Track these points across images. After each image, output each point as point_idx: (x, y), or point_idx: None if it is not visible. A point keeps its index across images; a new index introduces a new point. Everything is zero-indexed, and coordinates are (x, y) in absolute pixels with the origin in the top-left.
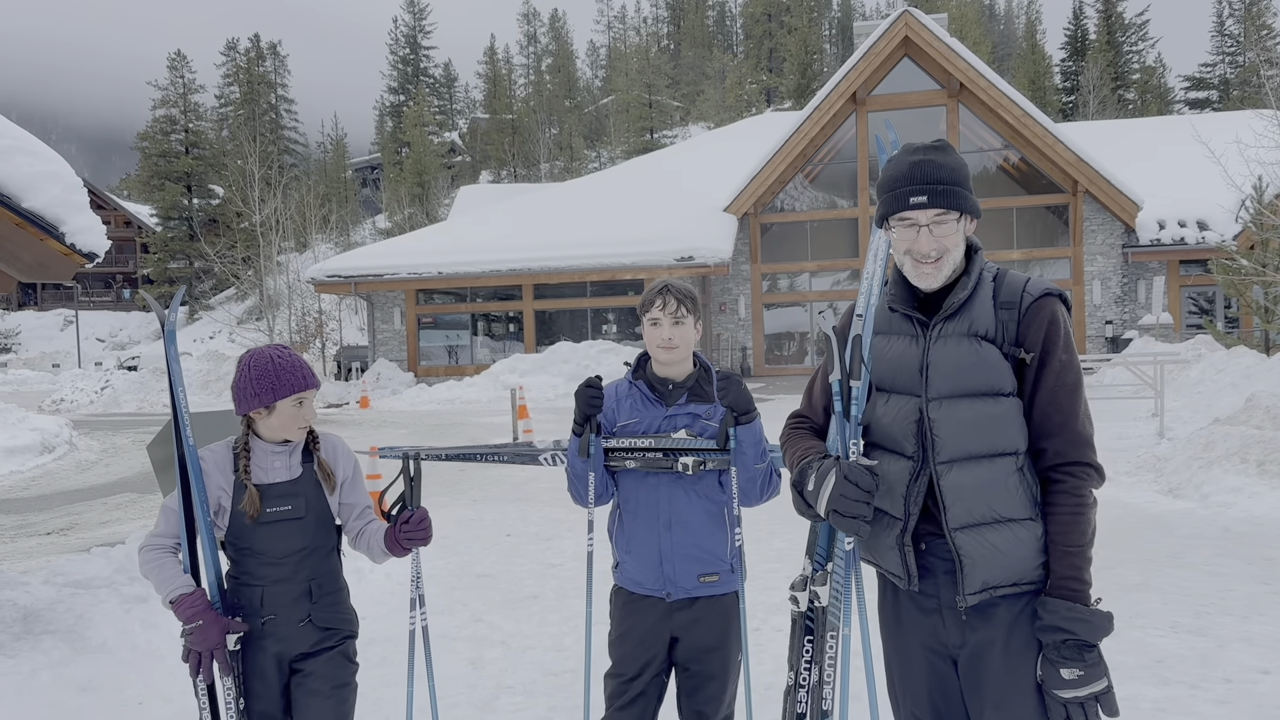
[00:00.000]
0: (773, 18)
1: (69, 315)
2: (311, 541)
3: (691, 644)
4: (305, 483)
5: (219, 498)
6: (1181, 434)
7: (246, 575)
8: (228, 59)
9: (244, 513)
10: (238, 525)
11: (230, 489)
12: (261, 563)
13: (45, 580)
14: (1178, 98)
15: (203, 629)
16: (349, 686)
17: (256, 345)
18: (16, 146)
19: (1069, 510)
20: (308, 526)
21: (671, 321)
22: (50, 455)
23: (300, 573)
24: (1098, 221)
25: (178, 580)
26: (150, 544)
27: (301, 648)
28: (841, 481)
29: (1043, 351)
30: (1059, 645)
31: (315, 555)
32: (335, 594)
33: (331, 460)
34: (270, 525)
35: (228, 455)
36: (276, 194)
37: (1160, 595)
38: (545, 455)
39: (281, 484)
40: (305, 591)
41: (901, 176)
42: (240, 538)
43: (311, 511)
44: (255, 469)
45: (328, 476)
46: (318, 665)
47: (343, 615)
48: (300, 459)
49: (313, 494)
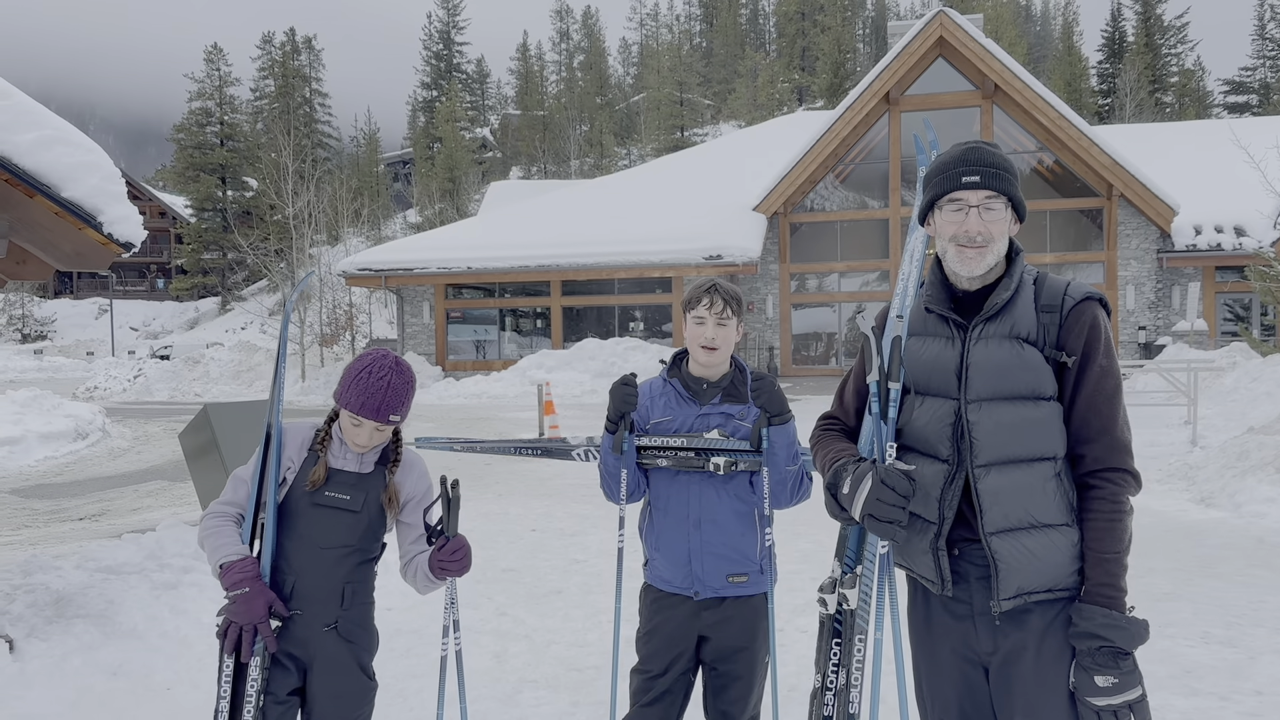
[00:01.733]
0: (806, 16)
1: (104, 304)
2: (358, 541)
3: (719, 643)
4: (371, 482)
5: (286, 469)
6: (1215, 442)
7: (283, 560)
8: (263, 53)
9: (304, 487)
10: (292, 502)
11: (299, 465)
12: (302, 548)
13: (77, 565)
14: (1216, 101)
15: (248, 598)
16: (369, 705)
17: (290, 336)
18: (57, 137)
19: (1106, 516)
20: (360, 523)
21: (716, 322)
22: (84, 442)
23: (338, 570)
24: (1132, 226)
25: (233, 547)
26: (214, 510)
27: (320, 658)
28: (878, 485)
29: (1083, 356)
30: (1094, 652)
31: (356, 557)
32: (366, 606)
33: (402, 478)
34: (324, 509)
35: (309, 433)
36: (310, 187)
37: (1191, 605)
38: (578, 451)
39: (348, 473)
40: (338, 592)
41: (954, 160)
42: (290, 516)
43: (368, 510)
44: (330, 454)
45: (392, 498)
46: (328, 677)
47: (368, 632)
48: (375, 460)
49: (374, 495)
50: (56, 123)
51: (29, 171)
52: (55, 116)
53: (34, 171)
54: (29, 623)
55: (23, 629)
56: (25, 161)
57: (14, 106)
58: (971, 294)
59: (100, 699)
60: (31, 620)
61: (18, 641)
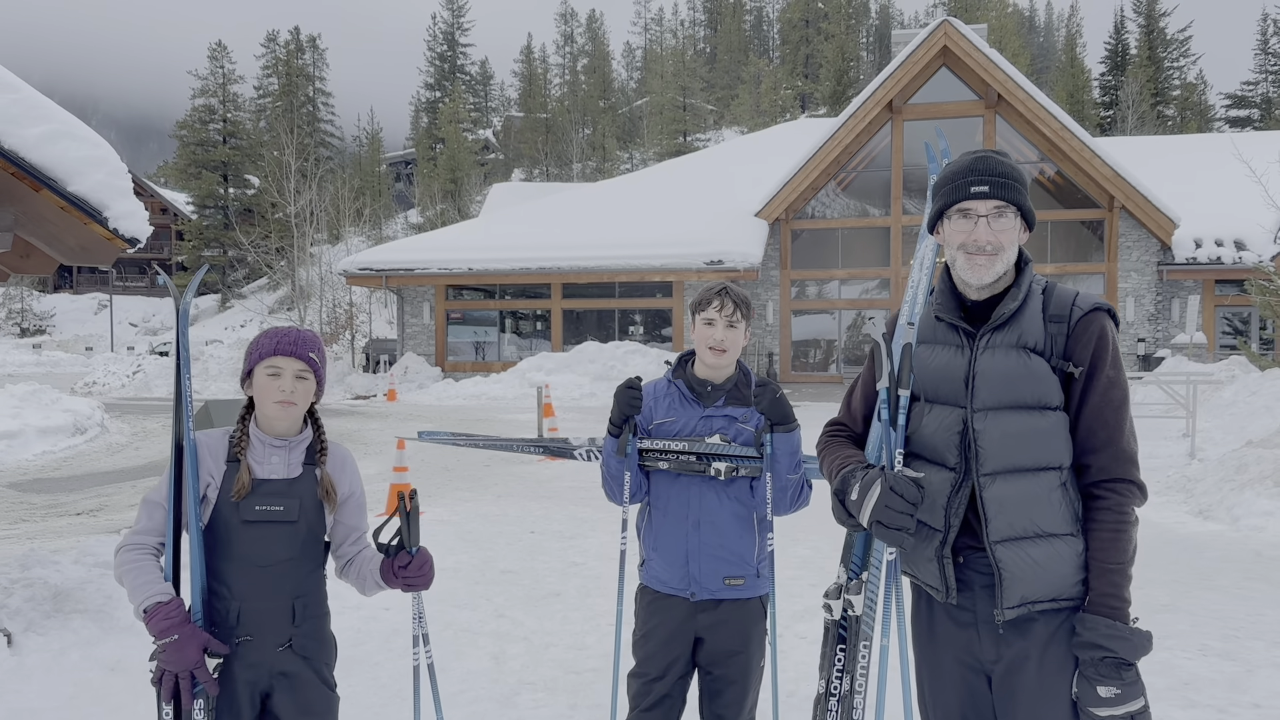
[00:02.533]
0: (810, 24)
1: (103, 299)
2: (300, 552)
3: (714, 646)
4: (303, 486)
5: (205, 485)
6: (1213, 455)
7: (221, 586)
8: (267, 51)
9: (230, 499)
10: (220, 522)
11: (219, 479)
12: (241, 570)
13: (75, 560)
14: (1218, 115)
15: (178, 645)
16: (334, 716)
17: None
18: (64, 131)
19: (1111, 527)
20: (298, 533)
21: (726, 324)
22: (82, 437)
23: (283, 586)
24: (1133, 238)
25: (155, 587)
26: (130, 543)
27: (279, 679)
28: (886, 493)
29: (1091, 366)
30: (1097, 663)
31: (301, 569)
32: (320, 619)
33: (337, 474)
34: (257, 525)
35: (223, 442)
36: (312, 186)
37: (1189, 617)
38: (580, 450)
39: (276, 481)
40: (288, 610)
41: (963, 169)
42: (221, 537)
43: (304, 518)
44: (251, 461)
45: (329, 491)
46: (290, 698)
47: (325, 644)
48: (302, 460)
49: (309, 500)
50: (64, 117)
51: (36, 165)
52: (62, 111)
53: (41, 165)
54: (27, 617)
55: (21, 623)
56: (32, 155)
57: (22, 100)
58: (980, 303)
59: (98, 694)
60: (30, 614)
61: (16, 635)
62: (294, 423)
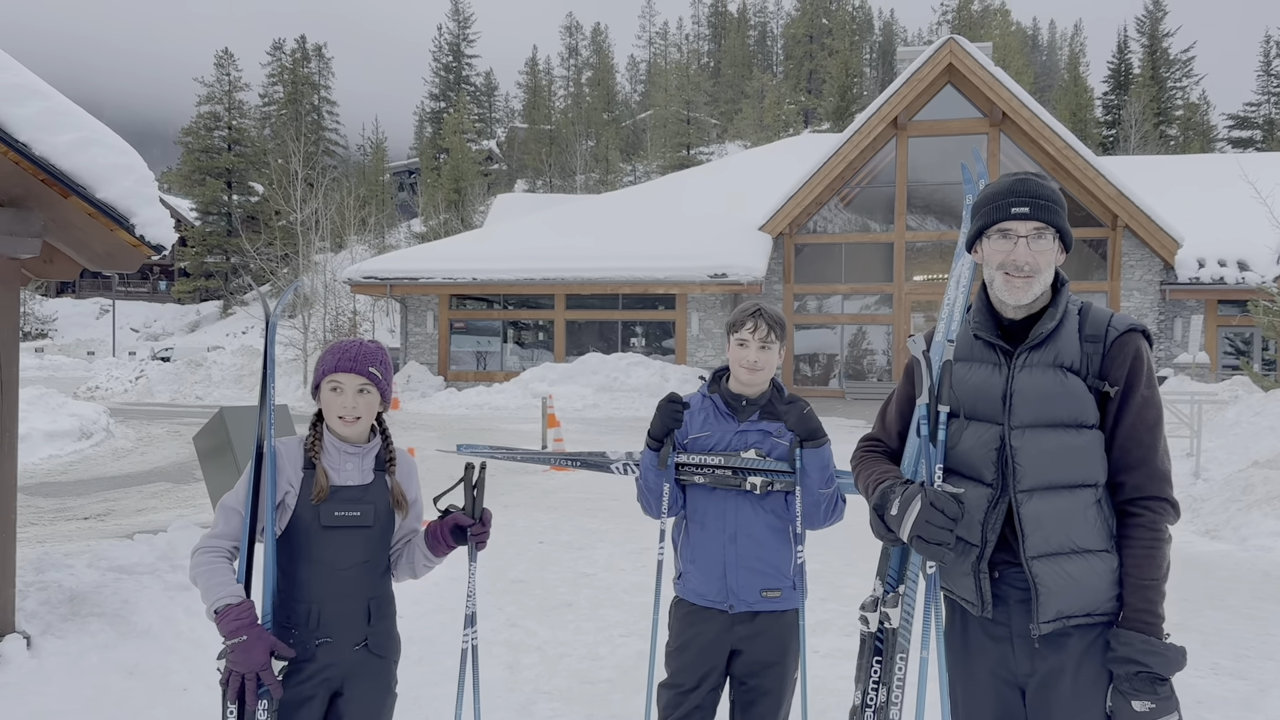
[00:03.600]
0: (814, 39)
1: (105, 304)
2: (374, 554)
3: (751, 658)
4: (376, 492)
5: (285, 493)
6: (1218, 475)
7: (299, 589)
8: (273, 59)
9: (309, 511)
10: (299, 527)
11: (298, 485)
12: (320, 573)
13: (89, 564)
14: (1220, 136)
15: (246, 646)
16: (390, 716)
17: (293, 342)
18: (94, 139)
19: (1145, 544)
20: (372, 537)
21: (759, 345)
22: (88, 441)
23: (359, 589)
24: (1136, 257)
25: (226, 589)
26: (205, 545)
27: (352, 676)
28: (927, 508)
29: (1126, 386)
30: (1131, 677)
31: (374, 571)
32: (390, 619)
33: (405, 481)
34: (336, 530)
35: (299, 450)
36: (318, 194)
37: (1200, 636)
38: (617, 464)
39: (352, 488)
40: (363, 611)
41: (1003, 190)
42: (299, 542)
43: (378, 523)
44: (327, 466)
45: (399, 500)
46: (360, 697)
47: (394, 642)
48: (373, 467)
49: (382, 505)
50: (93, 124)
51: (65, 172)
52: (91, 118)
53: (70, 172)
54: (44, 620)
55: (38, 625)
56: (62, 163)
57: (53, 108)
58: (1017, 322)
59: (118, 698)
60: (46, 618)
61: (34, 638)
62: (360, 434)
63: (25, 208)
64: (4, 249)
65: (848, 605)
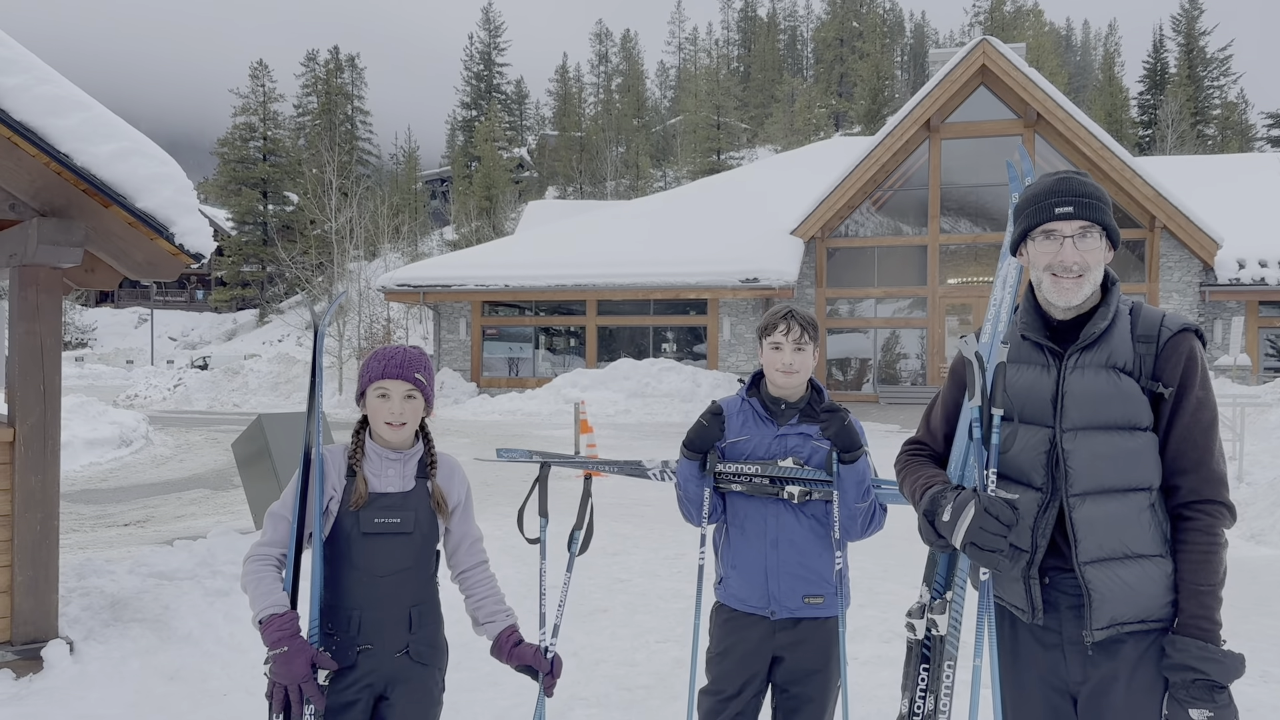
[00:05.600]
0: (844, 42)
1: (143, 313)
2: (415, 561)
3: (794, 665)
4: (416, 498)
5: (329, 499)
6: (1262, 479)
7: (342, 596)
8: (307, 70)
9: (350, 518)
10: (341, 534)
11: (340, 492)
12: (360, 580)
13: (130, 570)
14: (1259, 135)
15: (287, 657)
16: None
17: (329, 350)
18: (134, 149)
19: (1201, 549)
20: (414, 544)
21: (794, 348)
22: (128, 449)
23: (401, 596)
24: (1175, 258)
25: (271, 598)
26: (255, 554)
27: (395, 683)
28: (981, 514)
29: (1180, 387)
30: (1189, 685)
31: (418, 578)
32: (435, 625)
33: (446, 484)
34: (376, 537)
35: (343, 457)
36: (352, 203)
37: (1248, 643)
38: (653, 471)
39: (392, 495)
40: (405, 618)
41: (1047, 190)
42: (341, 549)
43: (419, 529)
44: (368, 473)
45: (440, 503)
46: (403, 703)
47: (439, 650)
48: (415, 472)
49: (423, 511)
50: (133, 134)
51: (106, 182)
52: (132, 129)
53: (111, 182)
54: (86, 625)
55: (80, 631)
56: (103, 173)
57: (94, 119)
58: (1067, 322)
59: (159, 702)
60: (89, 623)
61: (77, 643)
62: (405, 439)
63: (67, 217)
64: (47, 258)
65: (886, 611)
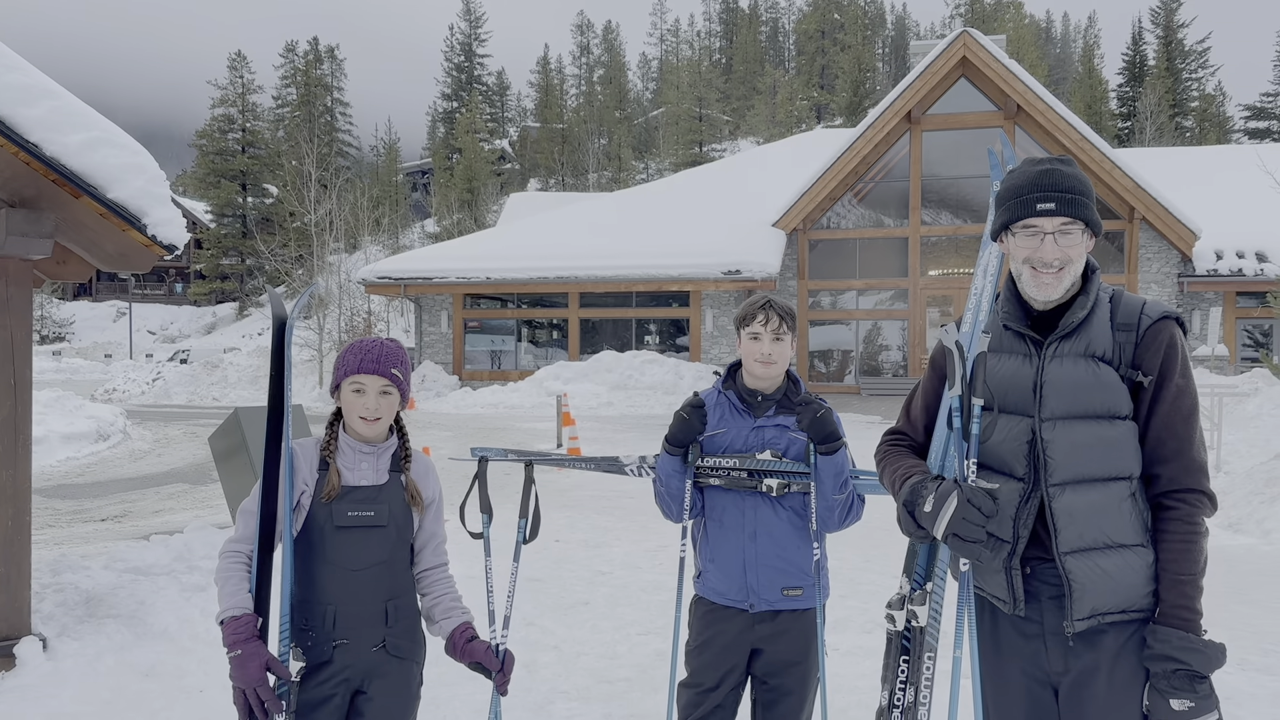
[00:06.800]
0: (826, 34)
1: (122, 307)
2: (390, 555)
3: (773, 657)
4: (390, 491)
5: (300, 493)
6: (1240, 468)
7: (316, 591)
8: (286, 61)
9: (322, 511)
10: (314, 527)
11: (313, 485)
12: (335, 574)
13: (105, 565)
14: (1237, 127)
15: (241, 660)
16: (413, 717)
17: (308, 343)
18: (105, 139)
19: (1181, 538)
20: (388, 537)
21: (772, 338)
22: (105, 443)
23: (377, 589)
24: (1153, 249)
25: (234, 600)
26: (226, 550)
27: (372, 676)
28: (963, 505)
29: (1160, 375)
30: (1170, 675)
31: (393, 571)
32: (412, 619)
33: (420, 480)
34: (350, 531)
35: (315, 450)
36: (332, 196)
37: (1227, 631)
38: (630, 467)
39: (366, 488)
40: (381, 612)
41: (1028, 184)
42: (314, 543)
43: (394, 522)
44: (341, 466)
45: (414, 496)
46: (380, 697)
47: (417, 642)
48: (389, 466)
49: (397, 505)
50: (104, 124)
51: (76, 172)
52: (102, 118)
53: (81, 172)
54: (60, 622)
55: (54, 627)
56: (73, 162)
57: (63, 108)
58: (1047, 311)
59: (133, 700)
60: (62, 619)
61: (50, 640)
62: (380, 433)
63: (37, 208)
64: (16, 250)
65: (867, 602)
